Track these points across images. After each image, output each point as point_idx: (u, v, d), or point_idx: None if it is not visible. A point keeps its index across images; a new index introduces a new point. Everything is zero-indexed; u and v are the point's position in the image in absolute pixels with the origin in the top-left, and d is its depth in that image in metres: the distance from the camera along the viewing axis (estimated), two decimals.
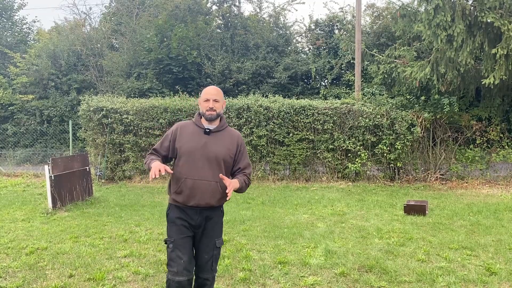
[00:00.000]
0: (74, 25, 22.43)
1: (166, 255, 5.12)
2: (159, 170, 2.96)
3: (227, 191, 3.05)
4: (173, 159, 3.35)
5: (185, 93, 13.25)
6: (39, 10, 44.01)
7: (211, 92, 3.28)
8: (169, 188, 3.31)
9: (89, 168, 9.46)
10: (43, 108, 18.74)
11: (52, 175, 8.15)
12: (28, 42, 24.60)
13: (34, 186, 11.39)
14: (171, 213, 3.27)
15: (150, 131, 11.59)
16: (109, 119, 11.67)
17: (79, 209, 8.17)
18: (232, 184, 3.10)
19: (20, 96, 19.10)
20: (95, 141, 11.90)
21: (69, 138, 14.41)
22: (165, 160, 3.33)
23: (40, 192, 10.27)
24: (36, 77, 19.22)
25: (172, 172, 3.13)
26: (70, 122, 14.29)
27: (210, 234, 3.25)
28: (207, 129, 3.24)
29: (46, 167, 8.19)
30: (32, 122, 18.97)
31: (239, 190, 3.24)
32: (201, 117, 3.31)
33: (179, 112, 11.46)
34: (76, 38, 20.53)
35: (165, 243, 3.24)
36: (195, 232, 3.24)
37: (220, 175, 3.11)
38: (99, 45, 20.63)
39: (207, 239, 3.25)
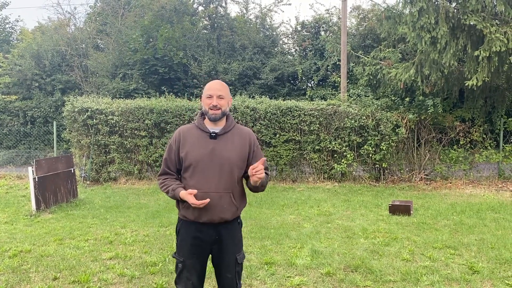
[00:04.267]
0: (58, 25, 22.17)
1: (153, 257, 5.12)
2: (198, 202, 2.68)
3: (255, 168, 2.65)
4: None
5: (171, 94, 13.18)
6: (22, 10, 43.30)
7: (215, 87, 2.85)
8: (177, 202, 2.91)
9: (73, 170, 9.36)
10: (26, 109, 18.48)
11: (36, 176, 8.04)
12: (11, 42, 24.28)
13: (17, 188, 11.21)
14: (182, 230, 2.91)
15: (135, 132, 11.51)
16: (94, 120, 11.55)
17: (63, 211, 8.08)
18: (262, 165, 2.69)
19: (3, 96, 18.81)
20: (80, 142, 11.77)
21: (53, 139, 14.24)
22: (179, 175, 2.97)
23: (23, 194, 10.12)
24: (19, 78, 18.95)
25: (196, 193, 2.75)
26: (55, 123, 14.13)
27: (230, 251, 2.89)
28: (213, 133, 2.82)
29: (29, 168, 8.07)
30: (16, 123, 18.68)
31: (255, 189, 2.87)
32: (204, 118, 2.90)
33: (165, 113, 11.40)
34: (61, 38, 20.29)
35: (173, 257, 2.96)
36: (212, 248, 2.89)
37: (259, 162, 2.70)
38: (84, 45, 20.44)
39: (227, 257, 2.89)
